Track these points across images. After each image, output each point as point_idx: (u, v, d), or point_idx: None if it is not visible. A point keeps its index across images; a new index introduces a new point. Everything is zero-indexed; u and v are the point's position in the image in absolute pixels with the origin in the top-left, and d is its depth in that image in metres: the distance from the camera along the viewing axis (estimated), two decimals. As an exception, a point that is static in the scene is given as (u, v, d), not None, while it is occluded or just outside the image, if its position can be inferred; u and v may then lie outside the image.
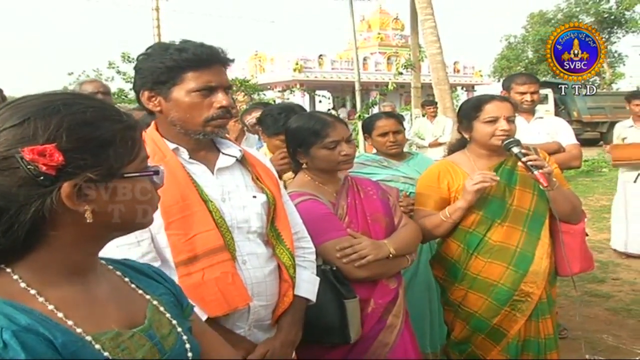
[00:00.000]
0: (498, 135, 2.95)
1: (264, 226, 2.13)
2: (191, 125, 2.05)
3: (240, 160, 2.19)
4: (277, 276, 2.14)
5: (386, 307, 2.64)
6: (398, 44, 33.76)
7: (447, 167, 3.12)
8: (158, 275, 1.38)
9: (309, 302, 2.27)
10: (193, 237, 1.94)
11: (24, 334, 0.98)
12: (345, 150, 2.67)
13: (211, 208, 1.99)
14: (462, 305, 3.05)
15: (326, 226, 2.58)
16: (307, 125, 2.72)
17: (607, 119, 25.03)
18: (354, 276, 2.55)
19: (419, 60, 16.90)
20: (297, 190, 2.68)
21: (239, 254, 2.04)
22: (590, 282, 6.24)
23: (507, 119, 2.97)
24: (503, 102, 3.04)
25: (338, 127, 2.70)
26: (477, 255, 2.99)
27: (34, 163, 1.01)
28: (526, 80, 4.56)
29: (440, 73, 13.22)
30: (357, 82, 14.82)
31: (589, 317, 5.30)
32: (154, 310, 1.25)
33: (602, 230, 8.78)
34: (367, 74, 30.78)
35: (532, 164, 2.82)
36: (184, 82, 2.01)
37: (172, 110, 2.04)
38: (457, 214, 2.95)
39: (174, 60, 2.00)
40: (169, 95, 2.03)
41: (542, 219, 3.02)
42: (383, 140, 3.88)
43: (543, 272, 2.97)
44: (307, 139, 2.69)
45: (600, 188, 13.22)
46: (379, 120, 3.94)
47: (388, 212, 2.79)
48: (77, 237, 1.11)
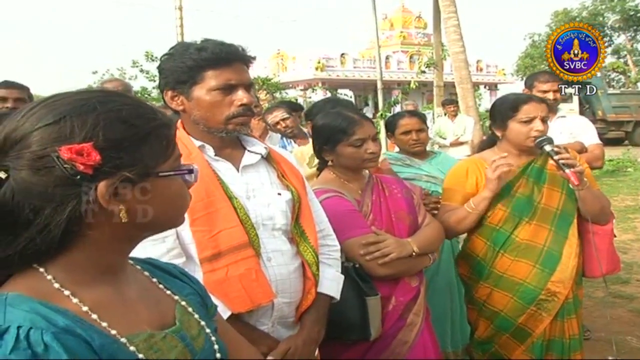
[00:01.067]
0: (532, 136, 2.95)
1: (289, 223, 2.14)
2: (213, 123, 2.07)
3: (265, 158, 2.20)
4: (301, 274, 2.15)
5: (407, 305, 2.65)
6: (420, 43, 33.64)
7: (475, 163, 3.11)
8: (183, 276, 1.37)
9: (333, 300, 2.27)
10: (218, 234, 1.95)
11: (64, 335, 0.97)
12: (371, 149, 2.68)
13: (236, 205, 2.01)
14: (487, 304, 3.03)
15: (350, 223, 2.59)
16: (334, 122, 2.73)
17: (632, 118, 24.78)
18: (376, 274, 2.56)
19: (441, 59, 16.84)
20: (322, 187, 2.69)
21: (263, 250, 2.04)
22: (614, 283, 6.16)
23: (542, 119, 2.97)
24: (540, 103, 3.03)
25: (365, 125, 2.72)
26: (503, 253, 2.98)
27: (72, 162, 1.00)
28: (549, 78, 4.54)
29: (463, 72, 13.16)
30: (379, 81, 14.79)
31: (612, 318, 5.24)
32: (183, 310, 1.24)
33: (627, 231, 8.70)
34: (390, 72, 30.69)
35: (564, 162, 2.80)
36: (204, 80, 2.03)
37: (194, 109, 2.06)
38: (483, 204, 2.94)
39: (194, 60, 2.02)
40: (190, 94, 2.05)
41: (570, 218, 3.00)
42: (406, 139, 3.89)
43: (570, 271, 2.95)
44: (333, 136, 2.70)
45: (625, 188, 13.07)
46: (402, 119, 3.95)
47: (412, 210, 2.80)
48: (111, 237, 1.10)
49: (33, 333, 0.95)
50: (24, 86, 3.88)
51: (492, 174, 2.88)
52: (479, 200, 2.95)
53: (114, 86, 4.34)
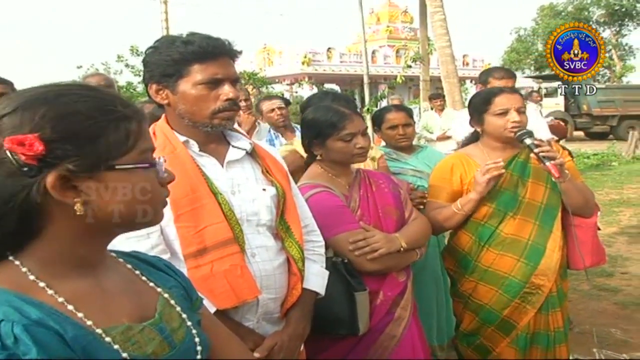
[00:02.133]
0: (509, 128, 2.97)
1: (274, 219, 2.13)
2: (198, 117, 2.06)
3: (250, 153, 2.18)
4: (286, 269, 2.15)
5: (395, 299, 2.66)
6: (407, 37, 33.72)
7: (460, 159, 3.13)
8: (168, 268, 1.37)
9: (318, 296, 2.27)
10: (202, 230, 1.95)
11: (35, 328, 0.98)
12: (360, 143, 2.68)
13: (221, 201, 2.00)
14: (472, 297, 3.06)
15: (339, 218, 2.59)
16: (324, 116, 2.72)
17: (617, 112, 25.01)
18: (365, 269, 2.56)
19: (428, 53, 16.87)
20: (311, 182, 2.69)
21: (248, 246, 2.04)
22: (599, 276, 6.22)
23: (518, 110, 2.99)
24: (513, 94, 3.07)
25: (355, 119, 2.72)
26: (488, 247, 3.00)
27: (14, 153, 1.00)
28: (504, 74, 4.54)
29: (450, 66, 13.19)
30: (365, 75, 14.81)
31: (597, 310, 5.30)
32: (165, 303, 1.24)
33: (611, 224, 8.77)
34: (376, 67, 30.73)
35: (544, 155, 2.82)
36: (190, 74, 2.02)
37: (180, 102, 2.05)
38: (469, 205, 2.96)
39: (180, 53, 2.00)
40: (175, 88, 2.04)
41: (555, 212, 3.02)
42: (393, 133, 3.88)
43: (554, 265, 2.97)
44: (323, 131, 2.70)
45: (609, 182, 13.19)
46: (389, 113, 3.94)
47: (399, 205, 2.80)
48: (78, 230, 1.10)
49: (4, 325, 0.95)
50: (7, 81, 3.83)
51: (481, 177, 2.89)
52: (465, 202, 2.97)
53: (97, 81, 4.30)
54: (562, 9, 40.65)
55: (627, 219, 9.17)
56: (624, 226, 8.71)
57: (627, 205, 10.29)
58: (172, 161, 1.95)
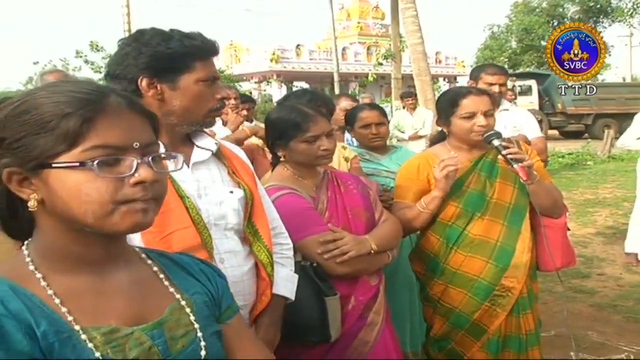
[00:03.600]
0: (476, 131, 2.99)
1: (241, 222, 2.14)
2: (194, 115, 2.07)
3: (215, 154, 2.18)
4: (255, 274, 2.15)
5: (367, 304, 2.67)
6: (378, 34, 33.88)
7: (427, 159, 3.15)
8: (201, 273, 1.39)
9: (288, 301, 2.28)
10: (169, 235, 1.93)
11: (6, 319, 1.03)
12: (325, 145, 2.68)
13: (188, 204, 1.98)
14: (442, 301, 3.08)
15: (307, 221, 2.60)
16: (288, 117, 2.72)
17: (592, 111, 25.29)
18: (335, 272, 2.57)
19: (399, 51, 17.00)
20: (277, 184, 2.69)
21: (216, 252, 2.03)
22: (575, 278, 6.31)
23: (485, 113, 3.00)
24: (480, 96, 3.07)
25: (320, 121, 2.72)
26: (456, 249, 3.03)
27: None
28: (496, 71, 4.58)
29: (422, 64, 13.29)
30: (335, 73, 14.90)
31: (573, 313, 5.35)
32: (176, 308, 1.26)
33: (587, 225, 8.90)
34: (346, 64, 30.86)
35: (511, 157, 2.86)
36: (194, 70, 2.03)
37: (177, 99, 2.04)
38: (434, 203, 2.98)
39: (186, 47, 2.01)
40: (176, 83, 2.03)
41: (523, 212, 3.06)
42: (366, 132, 3.89)
43: (524, 266, 3.01)
44: (287, 132, 2.70)
45: (584, 182, 13.37)
46: (362, 112, 3.95)
47: (369, 206, 2.81)
48: (56, 225, 1.15)
49: None
50: None
51: (439, 173, 2.92)
52: (429, 200, 2.99)
53: (54, 77, 4.24)
54: (536, 5, 41.05)
55: (603, 220, 9.27)
56: (600, 227, 8.81)
57: (602, 206, 10.41)
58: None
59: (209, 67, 2.06)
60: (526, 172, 2.83)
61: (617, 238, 7.95)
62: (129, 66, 2.02)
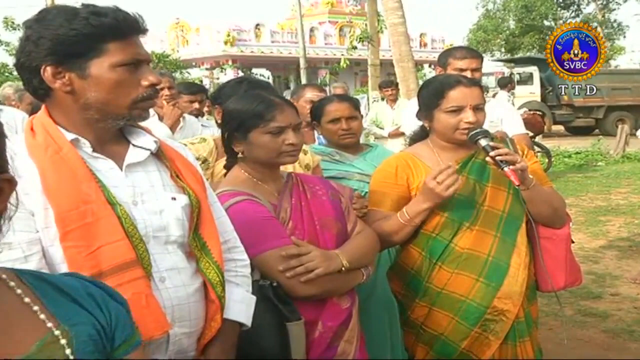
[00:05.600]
0: (462, 129, 3.00)
1: (186, 235, 2.13)
2: (115, 107, 2.04)
3: (155, 154, 2.16)
4: (203, 296, 2.15)
5: (336, 331, 2.67)
6: (352, 12, 34.01)
7: (406, 160, 3.15)
8: (91, 298, 1.35)
9: (243, 327, 2.28)
10: (97, 250, 1.91)
11: None
12: (290, 139, 2.69)
13: (120, 213, 1.97)
14: (425, 326, 3.07)
15: (266, 233, 2.59)
16: (249, 105, 2.73)
17: (604, 102, 25.51)
18: (299, 293, 2.57)
19: (377, 32, 17.07)
20: (231, 189, 2.69)
21: (155, 269, 2.02)
22: (584, 299, 6.31)
23: (475, 107, 3.02)
24: (471, 87, 3.07)
25: (286, 111, 2.73)
26: (441, 265, 3.02)
27: None
28: (467, 54, 4.54)
29: (403, 47, 13.35)
30: (302, 58, 14.92)
31: (583, 340, 5.36)
32: (48, 342, 1.22)
33: (598, 236, 8.92)
34: (315, 48, 30.90)
35: (501, 158, 2.86)
36: (106, 54, 1.99)
37: (91, 89, 2.01)
38: (421, 217, 2.98)
39: (93, 27, 1.96)
40: (85, 71, 1.99)
41: (518, 222, 3.07)
42: (335, 128, 3.89)
43: (520, 285, 3.02)
44: (247, 121, 2.70)
45: (594, 185, 13.46)
46: (330, 105, 3.95)
47: (340, 216, 2.82)
48: None
49: None
50: None
51: (436, 185, 2.86)
52: (415, 212, 2.97)
53: None
54: (538, -22, 41.51)
55: (616, 230, 9.31)
56: (613, 238, 8.84)
57: (615, 214, 10.46)
58: (57, 165, 1.94)
59: (128, 49, 2.01)
60: (519, 177, 2.84)
61: (633, 252, 8.01)
62: (32, 53, 1.99)
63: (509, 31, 41.08)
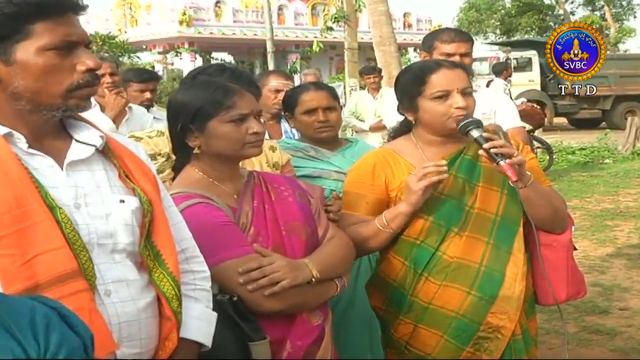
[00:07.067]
0: (454, 116, 3.00)
1: (137, 242, 2.13)
2: (47, 97, 2.03)
3: (102, 151, 2.16)
4: (156, 312, 2.15)
5: (308, 350, 2.68)
6: (327, -12, 33.94)
7: (385, 157, 3.16)
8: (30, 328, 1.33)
9: (203, 348, 2.28)
10: (33, 259, 1.90)
11: None
12: (254, 128, 2.70)
13: (60, 218, 1.96)
14: (410, 346, 3.07)
15: (224, 240, 2.60)
16: (203, 94, 2.73)
17: (611, 92, 25.55)
18: (262, 309, 2.58)
19: (355, 11, 17.08)
20: (184, 190, 2.69)
21: (100, 282, 2.02)
22: (590, 314, 6.33)
23: (463, 91, 3.02)
24: (454, 69, 3.08)
25: (246, 97, 2.74)
26: (427, 276, 3.02)
27: None
28: (455, 37, 4.50)
29: (384, 29, 13.38)
30: (269, 41, 14.90)
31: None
32: None
33: (604, 243, 8.95)
34: (284, 29, 30.89)
35: (496, 151, 2.86)
36: (33, 36, 1.98)
37: (18, 77, 2.00)
38: (399, 221, 2.98)
39: (16, 6, 1.96)
40: (10, 56, 1.99)
41: (515, 227, 3.08)
42: (310, 121, 3.89)
43: (516, 299, 3.02)
44: (203, 111, 2.70)
45: (601, 185, 13.49)
46: (306, 93, 3.96)
47: (309, 220, 2.83)
48: None
49: None
50: None
51: (415, 183, 2.90)
52: (393, 216, 2.99)
53: None
54: (538, -49, 41.73)
55: (626, 236, 9.34)
56: (622, 245, 8.86)
57: (624, 217, 10.49)
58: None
59: (58, 29, 2.00)
60: (515, 172, 2.83)
61: (643, 261, 8.04)
62: None
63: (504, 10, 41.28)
